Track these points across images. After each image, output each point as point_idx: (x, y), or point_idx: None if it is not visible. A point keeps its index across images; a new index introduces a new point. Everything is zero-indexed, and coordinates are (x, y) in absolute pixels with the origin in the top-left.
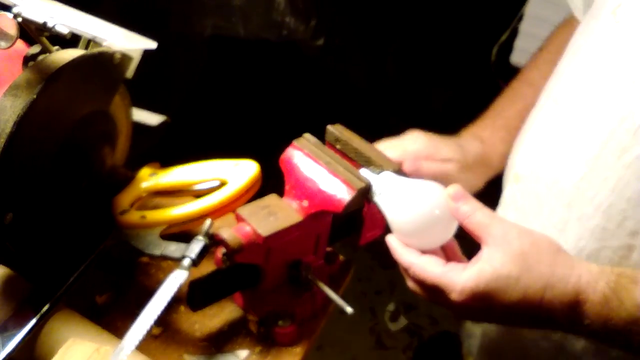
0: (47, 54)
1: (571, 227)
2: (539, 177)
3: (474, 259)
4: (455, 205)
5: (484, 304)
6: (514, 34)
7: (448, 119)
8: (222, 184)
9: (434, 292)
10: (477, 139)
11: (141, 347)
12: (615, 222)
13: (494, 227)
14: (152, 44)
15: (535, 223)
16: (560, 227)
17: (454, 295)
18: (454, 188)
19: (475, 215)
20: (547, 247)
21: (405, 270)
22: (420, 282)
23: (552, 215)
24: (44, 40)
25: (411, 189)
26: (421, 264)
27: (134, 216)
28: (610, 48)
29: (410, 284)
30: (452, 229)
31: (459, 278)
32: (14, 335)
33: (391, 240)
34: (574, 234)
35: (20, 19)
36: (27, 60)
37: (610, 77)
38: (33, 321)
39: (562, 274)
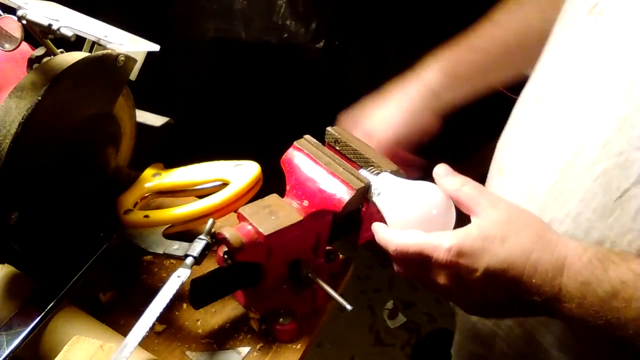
0: (52, 57)
1: None
2: (517, 177)
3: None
4: (444, 179)
5: (469, 263)
6: None
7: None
8: (224, 184)
9: (419, 263)
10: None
11: (144, 344)
12: (582, 230)
13: (483, 197)
14: (155, 47)
15: None
16: None
17: (440, 254)
18: (441, 166)
19: (465, 187)
20: (535, 219)
21: (389, 248)
22: (404, 256)
23: None
24: (49, 42)
25: (409, 189)
26: (403, 235)
27: (137, 216)
28: (584, 53)
29: (396, 266)
30: (449, 229)
31: (446, 239)
32: (19, 332)
33: (375, 225)
34: None
35: (25, 22)
36: (32, 62)
37: (582, 87)
38: (37, 319)
39: (550, 239)
